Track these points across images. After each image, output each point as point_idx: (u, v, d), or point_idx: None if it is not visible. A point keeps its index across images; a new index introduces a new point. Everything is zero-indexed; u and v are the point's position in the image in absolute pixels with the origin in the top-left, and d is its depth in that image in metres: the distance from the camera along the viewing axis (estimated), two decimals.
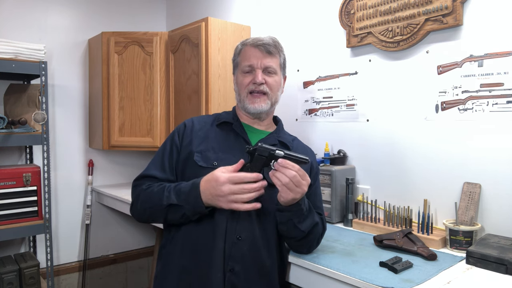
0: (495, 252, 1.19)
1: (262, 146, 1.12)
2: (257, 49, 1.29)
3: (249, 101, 1.29)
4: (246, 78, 1.30)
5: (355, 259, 1.28)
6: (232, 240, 1.18)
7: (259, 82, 1.27)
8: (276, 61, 1.32)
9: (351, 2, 1.78)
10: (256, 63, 1.28)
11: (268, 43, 1.29)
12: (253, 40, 1.31)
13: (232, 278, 1.17)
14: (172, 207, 1.16)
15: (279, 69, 1.34)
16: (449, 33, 1.50)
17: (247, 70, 1.30)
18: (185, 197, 1.14)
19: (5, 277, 2.10)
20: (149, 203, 1.22)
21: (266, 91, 1.29)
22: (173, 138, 1.33)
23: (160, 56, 2.49)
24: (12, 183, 2.13)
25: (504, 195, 1.37)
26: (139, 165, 3.04)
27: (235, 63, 1.38)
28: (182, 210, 1.15)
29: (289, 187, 1.09)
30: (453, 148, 1.50)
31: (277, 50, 1.32)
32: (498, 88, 1.37)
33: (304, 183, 1.11)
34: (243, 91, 1.31)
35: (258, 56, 1.29)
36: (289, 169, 1.09)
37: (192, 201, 1.13)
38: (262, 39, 1.30)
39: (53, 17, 2.64)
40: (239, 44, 1.37)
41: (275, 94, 1.33)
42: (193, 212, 1.15)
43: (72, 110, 2.75)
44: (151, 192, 1.22)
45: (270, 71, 1.30)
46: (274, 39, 1.33)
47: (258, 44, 1.29)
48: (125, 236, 3.02)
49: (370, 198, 1.73)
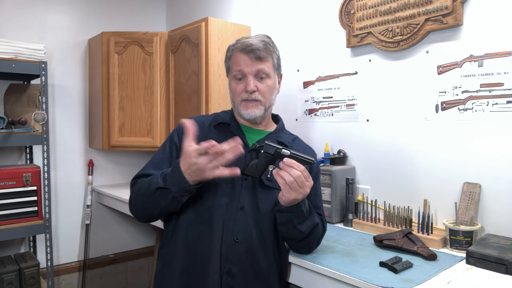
0: (495, 252, 1.19)
1: (268, 144, 1.12)
2: (247, 56, 1.25)
3: (243, 108, 1.29)
4: (238, 86, 1.29)
5: (355, 259, 1.28)
6: (229, 242, 1.18)
7: (250, 91, 1.26)
8: (269, 64, 1.28)
9: (351, 2, 1.78)
10: (247, 70, 1.26)
11: (257, 47, 1.24)
12: (242, 44, 1.26)
13: (229, 280, 1.17)
14: (160, 191, 1.15)
15: (273, 71, 1.31)
16: (449, 33, 1.50)
17: (239, 77, 1.28)
18: (170, 179, 1.14)
19: (5, 277, 2.10)
20: (142, 195, 1.22)
21: (258, 99, 1.28)
22: (173, 138, 1.33)
23: (160, 56, 2.49)
24: (12, 183, 2.13)
25: (504, 195, 1.37)
26: (139, 165, 3.02)
27: (226, 67, 1.36)
28: (170, 193, 1.14)
29: (292, 186, 1.09)
30: (453, 148, 1.50)
31: (268, 52, 1.27)
32: (498, 88, 1.37)
33: (308, 184, 1.11)
34: (237, 99, 1.30)
35: (248, 63, 1.25)
36: (295, 168, 1.09)
37: (176, 180, 1.12)
38: (251, 43, 1.25)
39: (53, 17, 2.64)
40: (230, 45, 1.33)
41: (268, 100, 1.31)
42: (180, 192, 1.13)
43: (72, 110, 2.75)
44: (144, 184, 1.22)
45: (262, 76, 1.28)
46: (265, 40, 1.28)
47: (248, 51, 1.24)
48: (125, 236, 3.02)
49: (370, 198, 1.73)
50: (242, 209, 1.20)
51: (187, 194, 1.15)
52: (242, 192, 1.22)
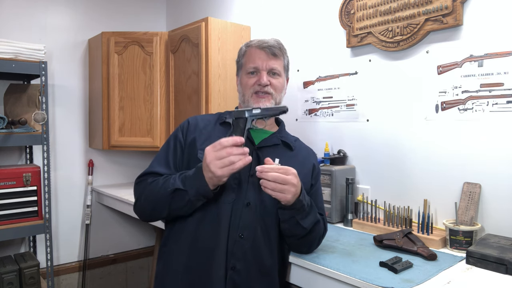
0: (495, 252, 1.19)
1: (237, 110, 1.17)
2: (263, 51, 1.31)
3: (254, 101, 1.30)
4: (251, 79, 1.31)
5: (355, 259, 1.28)
6: (234, 238, 1.18)
7: (264, 84, 1.29)
8: (281, 63, 1.34)
9: (351, 2, 1.78)
10: (261, 65, 1.30)
11: (273, 45, 1.31)
12: (258, 42, 1.33)
13: (233, 276, 1.17)
14: (178, 192, 1.16)
15: (283, 71, 1.36)
16: (449, 33, 1.50)
17: (252, 71, 1.31)
18: (190, 181, 1.15)
19: (5, 277, 2.10)
20: (154, 194, 1.21)
21: (270, 92, 1.31)
22: (177, 135, 1.33)
23: (160, 56, 2.49)
24: (12, 183, 2.13)
25: (504, 195, 1.37)
26: (139, 165, 3.04)
27: (239, 65, 1.39)
28: (187, 196, 1.14)
29: (278, 189, 1.09)
30: (453, 148, 1.50)
31: (282, 52, 1.34)
32: (498, 88, 1.37)
33: (290, 177, 1.10)
34: (248, 92, 1.32)
35: (263, 58, 1.30)
36: (268, 172, 1.09)
37: (197, 183, 1.13)
38: (267, 41, 1.32)
39: (53, 17, 2.64)
40: (243, 45, 1.38)
41: (279, 95, 1.34)
42: (197, 195, 1.14)
43: (72, 110, 2.75)
44: (157, 184, 1.22)
45: (275, 73, 1.32)
46: (279, 41, 1.35)
47: (264, 46, 1.30)
48: (125, 236, 3.02)
49: (370, 198, 1.73)
50: (248, 205, 1.20)
51: (203, 198, 1.16)
52: (249, 188, 1.22)
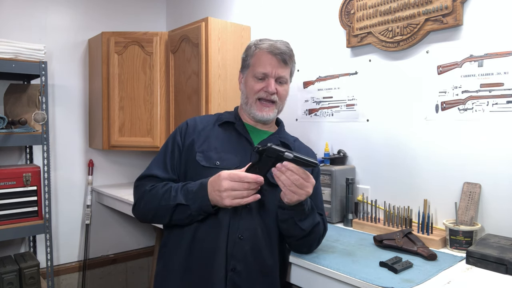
0: (495, 252, 1.19)
1: (271, 148, 1.10)
2: (274, 58, 1.28)
3: (257, 109, 1.30)
4: (257, 84, 1.30)
5: (355, 259, 1.28)
6: (234, 240, 1.18)
7: (271, 92, 1.28)
8: (288, 71, 1.33)
9: (351, 2, 1.78)
10: (270, 72, 1.28)
11: (284, 52, 1.28)
12: (269, 46, 1.29)
13: (234, 277, 1.17)
14: (180, 207, 1.16)
15: (289, 78, 1.35)
16: (449, 33, 1.50)
17: (261, 77, 1.29)
18: (193, 197, 1.15)
19: (5, 277, 2.10)
20: (154, 203, 1.21)
21: (275, 100, 1.30)
22: (175, 138, 1.33)
23: (160, 56, 2.49)
24: (12, 183, 2.13)
25: (504, 195, 1.37)
26: (139, 165, 3.04)
27: (246, 63, 1.35)
28: (188, 211, 1.16)
29: (292, 190, 1.09)
30: (453, 148, 1.50)
31: (291, 59, 1.32)
32: (498, 88, 1.37)
33: (309, 185, 1.11)
34: (252, 97, 1.31)
35: (274, 65, 1.28)
36: (293, 172, 1.08)
37: (199, 200, 1.14)
38: (279, 46, 1.28)
39: (53, 17, 2.64)
40: (252, 44, 1.34)
41: (282, 103, 1.35)
42: (199, 211, 1.15)
43: (72, 110, 2.75)
44: (156, 193, 1.21)
45: (282, 81, 1.31)
46: (289, 46, 1.32)
47: (276, 53, 1.27)
48: (125, 236, 3.02)
49: (370, 198, 1.73)
50: (247, 207, 1.20)
51: (204, 214, 1.16)
52: None
